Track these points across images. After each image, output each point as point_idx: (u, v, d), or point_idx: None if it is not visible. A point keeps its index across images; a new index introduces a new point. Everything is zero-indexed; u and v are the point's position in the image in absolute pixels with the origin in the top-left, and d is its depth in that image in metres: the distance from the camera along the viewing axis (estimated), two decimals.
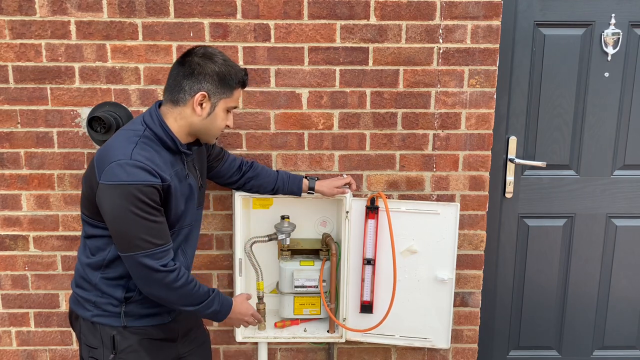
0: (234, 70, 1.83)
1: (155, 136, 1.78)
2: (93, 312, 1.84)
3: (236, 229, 2.35)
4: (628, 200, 2.72)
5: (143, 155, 1.71)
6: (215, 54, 1.82)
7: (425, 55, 2.38)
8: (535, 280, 2.79)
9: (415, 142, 2.45)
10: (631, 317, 2.85)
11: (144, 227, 1.70)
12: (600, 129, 2.65)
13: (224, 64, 1.81)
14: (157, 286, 1.76)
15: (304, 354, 2.66)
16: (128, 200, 1.66)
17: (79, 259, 1.89)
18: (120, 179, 1.66)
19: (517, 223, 2.74)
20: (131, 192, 1.66)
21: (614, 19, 2.54)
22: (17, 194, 2.45)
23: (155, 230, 1.72)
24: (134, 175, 1.66)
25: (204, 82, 1.78)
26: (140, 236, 1.70)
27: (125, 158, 1.68)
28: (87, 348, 1.86)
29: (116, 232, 1.72)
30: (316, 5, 2.32)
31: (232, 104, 1.86)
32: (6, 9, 2.28)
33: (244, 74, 1.87)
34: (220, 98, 1.82)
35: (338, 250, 2.42)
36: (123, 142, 1.74)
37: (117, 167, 1.67)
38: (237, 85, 1.85)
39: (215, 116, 1.83)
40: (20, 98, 2.36)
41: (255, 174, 2.25)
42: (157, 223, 1.73)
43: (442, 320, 2.48)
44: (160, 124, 1.79)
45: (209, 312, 1.88)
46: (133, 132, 1.77)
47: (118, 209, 1.67)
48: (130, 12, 2.30)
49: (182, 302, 1.82)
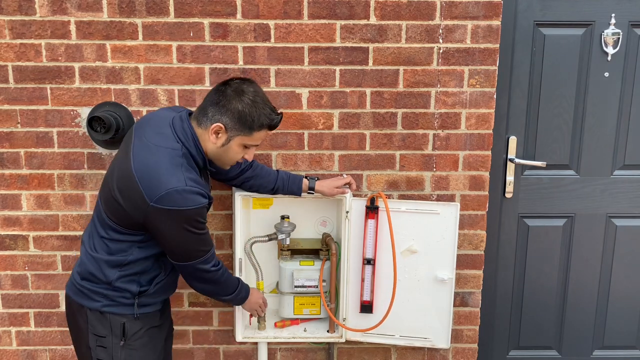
0: (257, 114, 1.83)
1: (191, 155, 1.86)
2: (103, 302, 1.92)
3: (236, 229, 2.35)
4: (628, 200, 2.72)
5: (192, 179, 1.81)
6: (247, 92, 1.84)
7: (425, 55, 2.38)
8: (535, 280, 2.79)
9: (415, 142, 2.45)
10: (631, 317, 2.85)
11: (200, 240, 1.88)
12: (600, 129, 2.65)
13: (251, 105, 1.83)
14: (209, 283, 1.99)
15: (304, 354, 2.66)
16: (187, 222, 1.81)
17: (92, 256, 1.92)
18: (179, 205, 1.76)
19: (517, 223, 2.74)
20: (190, 216, 1.80)
21: (614, 19, 2.54)
22: (17, 194, 2.45)
23: (206, 240, 1.92)
24: (192, 201, 1.78)
25: (224, 116, 1.83)
26: (197, 248, 1.89)
27: (181, 185, 1.76)
28: (94, 337, 1.92)
29: (174, 248, 1.88)
30: (316, 5, 2.32)
31: (250, 142, 1.89)
32: (6, 8, 2.28)
33: (271, 120, 1.87)
34: (237, 134, 1.86)
35: (338, 250, 2.41)
36: (169, 165, 1.79)
37: (176, 194, 1.75)
38: (258, 128, 1.86)
39: (229, 149, 1.89)
40: (20, 98, 2.36)
41: (255, 174, 2.25)
42: (206, 234, 1.92)
43: (442, 320, 2.48)
44: (195, 142, 1.86)
45: (239, 297, 2.14)
46: (173, 151, 1.82)
47: (176, 231, 1.81)
48: (130, 12, 2.30)
49: (225, 292, 2.08)
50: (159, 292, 2.00)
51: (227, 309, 2.59)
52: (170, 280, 2.05)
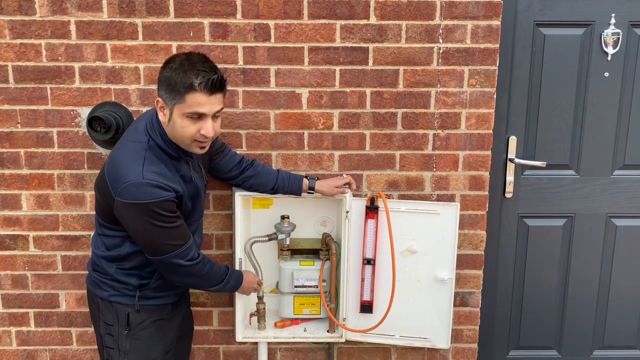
0: (182, 75, 1.71)
1: (158, 146, 1.83)
2: (110, 292, 1.97)
3: (236, 229, 2.35)
4: (628, 200, 2.72)
5: (153, 171, 1.77)
6: (175, 59, 1.75)
7: (425, 55, 2.38)
8: (535, 280, 2.79)
9: (415, 142, 2.45)
10: (631, 317, 2.85)
11: (167, 234, 1.82)
12: (600, 129, 2.65)
13: (177, 68, 1.72)
14: (188, 277, 1.94)
15: (304, 354, 2.66)
16: (148, 215, 1.76)
17: (94, 252, 2.01)
18: (137, 198, 1.75)
19: (517, 223, 2.73)
20: (149, 208, 1.75)
21: (614, 19, 2.53)
22: (17, 194, 2.45)
23: (177, 234, 1.85)
24: (149, 194, 1.75)
25: (160, 89, 1.80)
26: (165, 242, 1.83)
27: (138, 178, 1.75)
28: (105, 325, 1.99)
29: (142, 242, 1.85)
30: (316, 5, 2.32)
31: (187, 109, 1.74)
32: (6, 8, 2.28)
33: (197, 77, 1.71)
34: (173, 104, 1.76)
35: (338, 250, 2.41)
36: (131, 158, 1.78)
37: (132, 187, 1.74)
38: (185, 90, 1.71)
39: (174, 123, 1.79)
40: (20, 98, 2.36)
41: (255, 172, 2.26)
42: (177, 227, 1.84)
43: (442, 320, 2.48)
44: (161, 135, 1.83)
45: (228, 287, 2.09)
46: (139, 144, 1.81)
47: (140, 224, 1.79)
48: (130, 12, 2.30)
49: (209, 284, 2.03)
50: (163, 286, 2.00)
51: (227, 309, 2.59)
52: None
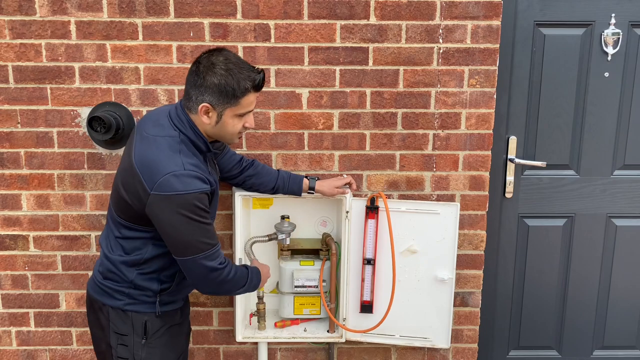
0: (236, 81, 1.76)
1: (189, 140, 1.83)
2: (125, 300, 1.91)
3: (236, 229, 2.35)
4: (628, 200, 2.72)
5: (192, 163, 1.78)
6: (217, 64, 1.77)
7: (425, 55, 2.38)
8: (535, 280, 2.79)
9: (415, 142, 2.45)
10: (631, 317, 2.85)
11: (202, 230, 1.78)
12: (600, 129, 2.65)
13: (225, 74, 1.76)
14: (215, 283, 1.86)
15: (304, 354, 2.66)
16: (186, 208, 1.73)
17: (108, 257, 1.92)
18: (177, 189, 1.72)
19: (517, 223, 2.74)
20: (189, 201, 1.73)
21: (614, 19, 2.53)
22: (17, 194, 2.45)
23: (210, 232, 1.82)
24: (191, 185, 1.74)
25: (206, 94, 1.78)
26: (199, 239, 1.78)
27: (179, 169, 1.74)
28: (116, 335, 1.93)
29: (174, 239, 1.79)
30: (316, 5, 2.32)
31: (241, 110, 1.83)
32: (6, 9, 2.28)
33: (253, 80, 1.80)
34: (225, 108, 1.80)
35: (338, 250, 2.41)
36: (167, 151, 1.77)
37: (173, 179, 1.72)
38: (242, 94, 1.79)
39: (224, 124, 1.83)
40: (20, 98, 2.36)
41: (255, 172, 2.26)
42: (210, 225, 1.83)
43: (442, 320, 2.48)
44: (192, 128, 1.83)
45: (252, 286, 2.01)
46: (171, 138, 1.80)
47: (177, 218, 1.74)
48: (130, 12, 2.30)
49: (236, 289, 1.95)
50: (181, 288, 1.98)
51: (227, 309, 2.59)
52: None
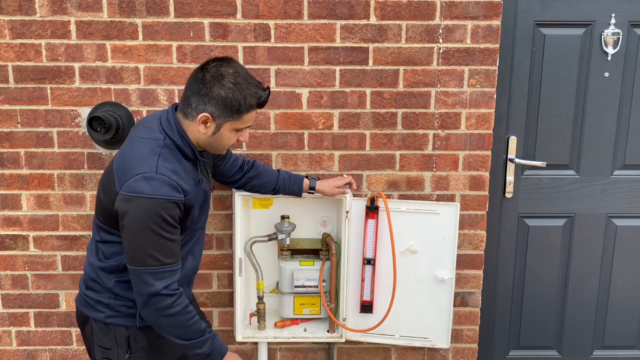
0: (242, 96, 1.71)
1: (175, 145, 1.76)
2: (106, 313, 1.84)
3: (236, 229, 2.35)
4: (628, 200, 2.72)
5: (168, 168, 1.69)
6: (226, 76, 1.71)
7: (425, 55, 2.38)
8: (535, 280, 2.79)
9: (415, 142, 2.45)
10: (631, 317, 2.85)
11: (157, 244, 1.67)
12: (600, 129, 2.65)
13: (233, 88, 1.70)
14: (152, 307, 1.70)
15: (304, 354, 2.66)
16: (148, 214, 1.64)
17: (90, 263, 1.87)
18: (144, 192, 1.64)
19: (517, 223, 2.73)
20: (152, 207, 1.64)
21: (614, 19, 2.53)
22: (17, 194, 2.45)
23: (167, 249, 1.69)
24: (159, 190, 1.65)
25: (208, 105, 1.72)
26: (151, 252, 1.67)
27: (151, 171, 1.66)
28: (100, 349, 1.86)
29: (129, 242, 1.69)
30: (316, 5, 2.32)
31: (241, 125, 1.78)
32: (6, 8, 2.28)
33: (259, 98, 1.75)
34: (225, 121, 1.75)
35: (338, 250, 2.41)
36: (146, 153, 1.71)
37: (143, 180, 1.65)
38: (246, 110, 1.74)
39: (221, 136, 1.78)
40: (20, 98, 2.36)
41: (256, 173, 2.25)
42: (171, 241, 1.70)
43: (442, 320, 2.48)
44: (179, 133, 1.77)
45: (197, 352, 1.78)
46: (154, 141, 1.74)
47: (136, 221, 1.65)
48: (130, 12, 2.30)
49: (172, 332, 1.75)
50: None
51: (227, 309, 2.59)
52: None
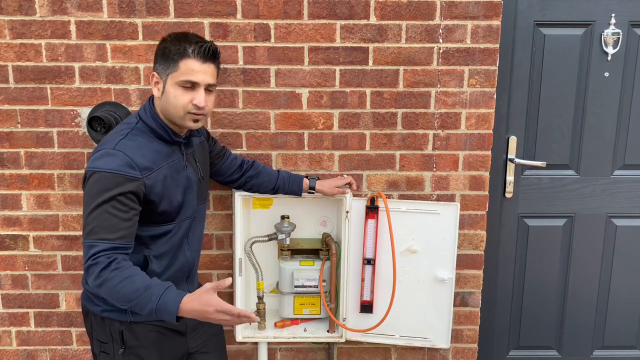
0: (176, 44, 1.76)
1: (148, 127, 1.82)
2: (102, 307, 1.86)
3: (236, 229, 2.35)
4: (628, 200, 2.72)
5: (129, 145, 1.72)
6: (170, 35, 1.81)
7: (425, 55, 2.38)
8: (535, 280, 2.79)
9: (415, 142, 2.45)
10: (631, 317, 2.85)
11: (100, 217, 1.64)
12: (600, 129, 2.65)
13: (173, 39, 1.78)
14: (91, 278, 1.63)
15: (304, 354, 2.66)
16: (98, 187, 1.66)
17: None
18: (97, 166, 1.68)
19: (517, 223, 2.74)
20: (102, 181, 1.66)
21: (614, 19, 2.54)
22: (17, 194, 2.45)
23: (110, 224, 1.64)
24: (110, 164, 1.67)
25: (155, 63, 1.81)
26: (93, 225, 1.64)
27: (110, 148, 1.71)
28: (98, 343, 1.89)
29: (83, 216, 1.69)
30: (316, 5, 2.32)
31: (181, 77, 1.75)
32: (6, 8, 2.28)
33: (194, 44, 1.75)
34: (167, 74, 1.78)
35: (338, 250, 2.42)
36: (114, 134, 1.79)
37: (99, 157, 1.70)
38: (179, 57, 1.75)
39: (167, 94, 1.78)
40: (20, 98, 2.36)
41: (256, 173, 2.26)
42: (115, 217, 1.65)
43: (442, 320, 2.48)
44: (152, 115, 1.83)
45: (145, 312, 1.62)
46: (127, 125, 1.82)
47: (87, 194, 1.69)
48: (130, 12, 2.30)
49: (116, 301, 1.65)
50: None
51: None
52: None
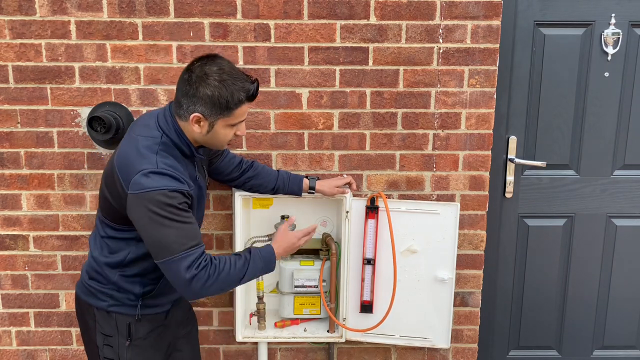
0: (229, 93, 1.73)
1: (172, 143, 1.81)
2: (109, 302, 1.89)
3: (236, 229, 2.35)
4: (628, 200, 2.72)
5: (167, 164, 1.74)
6: (210, 74, 1.73)
7: (425, 55, 2.38)
8: (535, 280, 2.79)
9: (415, 142, 2.45)
10: (631, 317, 2.85)
11: (175, 229, 1.70)
12: (600, 129, 2.65)
13: (219, 86, 1.72)
14: (194, 290, 1.73)
15: (304, 354, 2.66)
16: (157, 205, 1.68)
17: (94, 257, 1.91)
18: (147, 187, 1.68)
19: (517, 223, 2.73)
20: (160, 199, 1.68)
21: (614, 19, 2.53)
22: (17, 194, 2.45)
23: (188, 232, 1.73)
24: (160, 182, 1.69)
25: (197, 105, 1.74)
26: (174, 239, 1.70)
27: (152, 167, 1.71)
28: (102, 336, 1.92)
29: (150, 239, 1.73)
30: (316, 5, 2.32)
31: (234, 121, 1.80)
32: (6, 8, 2.28)
33: (247, 91, 1.76)
34: (217, 118, 1.77)
35: (338, 250, 2.41)
36: (144, 150, 1.75)
37: (144, 177, 1.69)
38: (235, 106, 1.76)
39: (216, 133, 1.81)
40: (20, 98, 2.36)
41: (255, 173, 2.26)
42: (188, 224, 1.73)
43: (442, 320, 2.48)
44: (177, 132, 1.81)
45: (258, 274, 1.87)
46: (152, 139, 1.78)
47: (149, 216, 1.69)
48: (130, 12, 2.30)
49: (231, 285, 1.82)
50: (165, 292, 1.94)
51: (227, 309, 2.59)
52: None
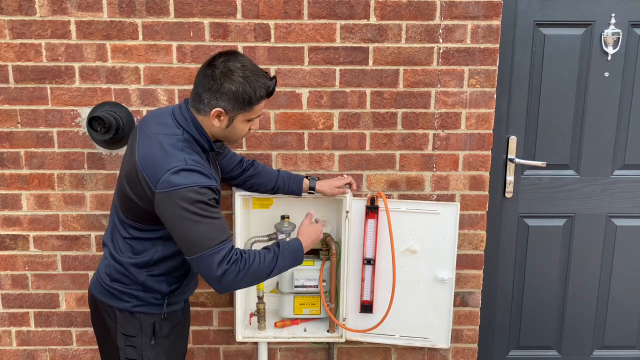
0: (252, 88, 1.78)
1: (193, 139, 1.83)
2: (133, 303, 1.90)
3: (236, 229, 2.35)
4: (628, 200, 2.72)
5: (193, 159, 1.76)
6: (235, 70, 1.77)
7: (425, 55, 2.38)
8: (535, 280, 2.79)
9: (415, 142, 2.45)
10: (631, 317, 2.85)
11: (208, 225, 1.73)
12: (600, 129, 2.65)
13: (243, 82, 1.76)
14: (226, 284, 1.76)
15: (304, 354, 2.66)
16: (188, 202, 1.70)
17: (116, 259, 1.90)
18: (178, 184, 1.70)
19: (517, 223, 2.73)
20: (190, 195, 1.70)
21: (614, 19, 2.53)
22: (17, 194, 2.45)
23: (218, 227, 1.75)
24: (191, 179, 1.71)
25: (220, 100, 1.78)
26: (206, 235, 1.73)
27: (181, 164, 1.72)
28: (123, 337, 1.92)
29: (181, 236, 1.75)
30: (316, 5, 2.32)
31: (252, 116, 1.85)
32: (6, 8, 2.28)
33: (268, 88, 1.82)
34: (238, 113, 1.81)
35: (338, 250, 2.42)
36: (170, 148, 1.76)
37: (174, 175, 1.71)
38: (257, 101, 1.81)
39: (234, 128, 1.85)
40: (20, 98, 2.36)
41: (255, 172, 2.26)
42: (218, 219, 1.76)
43: (442, 320, 2.48)
44: (197, 127, 1.83)
45: (288, 265, 1.89)
46: (174, 136, 1.80)
47: (180, 213, 1.71)
48: (130, 12, 2.30)
49: (261, 279, 1.85)
50: (187, 289, 2.00)
51: (227, 309, 2.59)
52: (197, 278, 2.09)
